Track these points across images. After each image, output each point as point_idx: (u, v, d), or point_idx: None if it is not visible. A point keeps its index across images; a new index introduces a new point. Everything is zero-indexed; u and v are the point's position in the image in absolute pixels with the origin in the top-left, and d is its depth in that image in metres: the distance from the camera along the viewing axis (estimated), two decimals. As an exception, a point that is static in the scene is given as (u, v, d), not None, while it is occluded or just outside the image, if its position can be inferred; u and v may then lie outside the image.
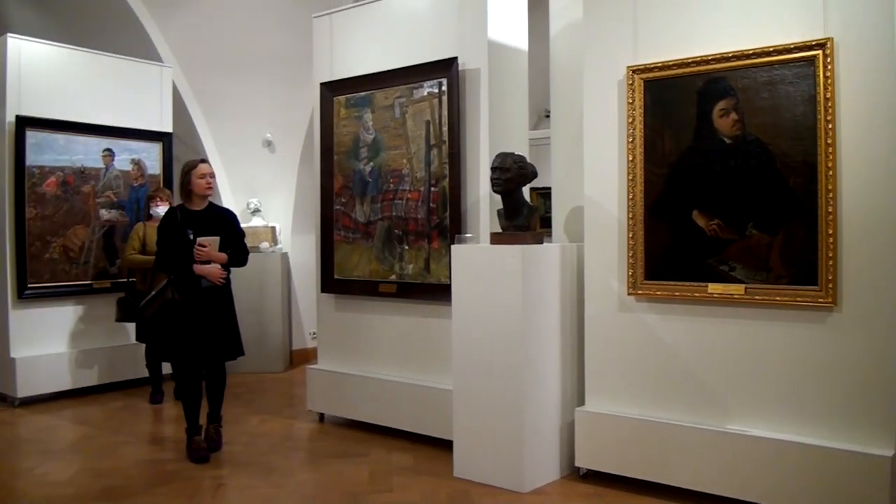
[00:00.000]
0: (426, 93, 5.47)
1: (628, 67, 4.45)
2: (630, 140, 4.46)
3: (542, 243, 4.81)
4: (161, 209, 6.57)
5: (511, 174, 4.65)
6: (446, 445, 5.08)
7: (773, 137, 3.99)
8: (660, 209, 4.39)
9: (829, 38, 3.81)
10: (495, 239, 4.79)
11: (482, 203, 5.25)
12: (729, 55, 4.10)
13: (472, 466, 4.73)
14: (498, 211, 4.89)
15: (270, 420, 6.33)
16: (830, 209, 3.82)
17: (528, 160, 4.84)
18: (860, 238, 3.80)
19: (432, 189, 5.43)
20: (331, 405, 6.14)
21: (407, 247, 5.59)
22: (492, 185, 4.74)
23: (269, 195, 8.85)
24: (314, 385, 6.22)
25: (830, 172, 3.81)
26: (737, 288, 4.13)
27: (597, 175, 4.67)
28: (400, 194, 5.64)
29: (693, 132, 4.26)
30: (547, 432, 4.72)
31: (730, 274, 4.16)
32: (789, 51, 3.92)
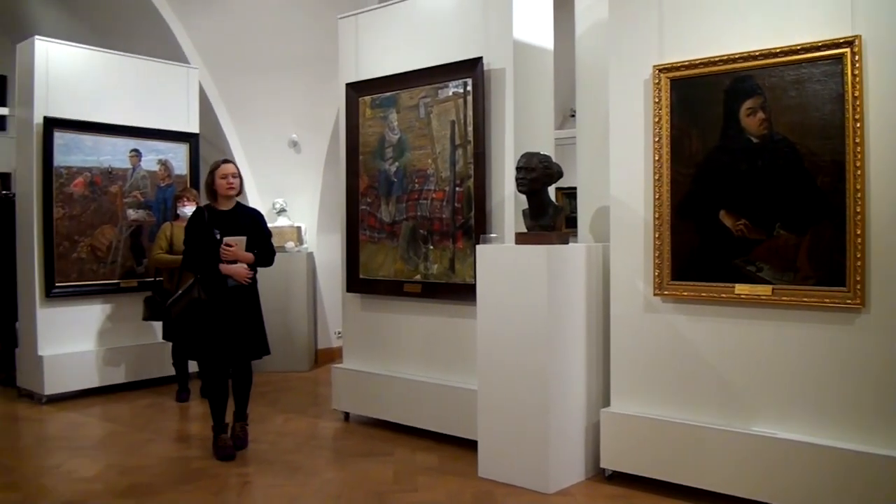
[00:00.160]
0: (451, 93, 5.47)
1: (654, 66, 4.42)
2: (656, 139, 4.43)
3: (568, 243, 4.79)
4: (188, 209, 6.62)
5: (536, 174, 4.63)
6: (471, 445, 5.08)
7: (801, 136, 3.95)
8: (686, 209, 4.36)
9: (857, 36, 3.76)
10: (520, 239, 4.78)
11: (507, 203, 5.25)
12: (756, 53, 4.06)
13: (497, 467, 4.73)
14: (523, 211, 4.88)
15: (296, 419, 6.36)
16: (859, 209, 3.77)
17: (554, 160, 4.82)
18: (889, 238, 3.75)
19: (457, 189, 5.43)
20: (356, 404, 6.16)
21: (432, 247, 5.60)
22: (517, 185, 4.73)
23: (295, 195, 8.89)
24: (339, 384, 6.24)
25: (859, 172, 3.76)
26: (764, 289, 4.09)
27: (623, 175, 4.64)
28: (425, 194, 5.64)
29: (720, 131, 4.23)
30: (572, 433, 4.70)
31: (757, 275, 4.12)
32: (817, 49, 3.88)
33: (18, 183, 7.49)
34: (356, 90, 6.11)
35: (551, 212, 4.75)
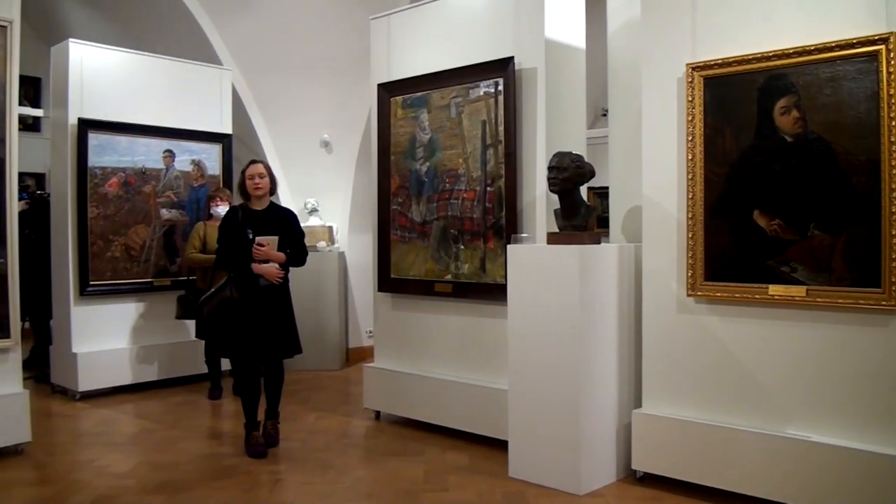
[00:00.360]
0: (482, 92, 5.46)
1: (688, 65, 4.38)
2: (690, 138, 4.39)
3: (600, 243, 4.77)
4: (221, 209, 6.67)
5: (568, 173, 4.61)
6: (501, 445, 5.08)
7: (836, 135, 3.89)
8: (720, 209, 4.32)
9: (893, 33, 3.70)
10: (552, 239, 4.76)
11: (538, 203, 5.23)
12: (790, 51, 4.01)
13: (528, 467, 4.72)
14: (555, 211, 4.86)
15: (327, 417, 6.38)
16: (895, 209, 3.71)
17: (586, 159, 4.80)
18: (927, 239, 3.70)
19: (488, 189, 5.43)
20: (387, 403, 6.18)
21: (462, 246, 5.60)
22: (549, 185, 4.72)
23: (327, 195, 8.93)
24: (370, 383, 6.26)
25: (894, 171, 3.70)
26: (798, 290, 4.04)
27: (655, 174, 4.61)
28: (456, 194, 5.64)
29: (754, 130, 4.18)
30: (603, 434, 4.68)
31: (791, 275, 4.07)
32: (851, 46, 3.82)
33: (53, 183, 7.58)
34: (388, 90, 6.12)
35: (583, 211, 4.73)
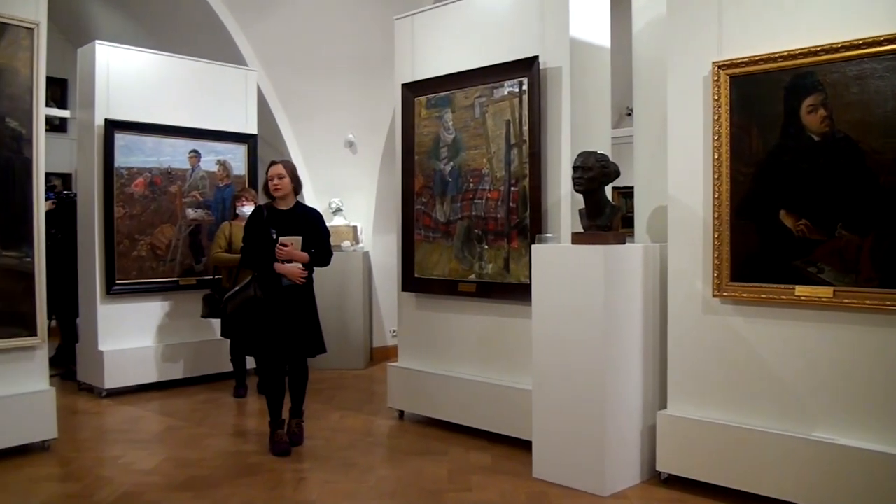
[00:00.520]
0: (507, 92, 5.45)
1: (714, 63, 4.35)
2: (715, 137, 4.36)
3: (625, 243, 4.75)
4: (247, 209, 6.70)
5: (593, 173, 4.59)
6: (524, 446, 5.07)
7: (863, 134, 3.85)
8: (746, 209, 4.29)
9: (922, 31, 3.67)
10: (577, 239, 4.75)
11: (563, 203, 5.22)
12: (817, 49, 3.96)
13: (552, 468, 4.70)
14: (580, 210, 4.85)
15: (351, 416, 6.40)
16: (924, 209, 3.68)
17: (611, 159, 4.78)
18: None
19: (512, 189, 5.42)
20: (410, 403, 6.18)
21: (486, 246, 5.59)
22: (574, 185, 4.70)
23: (351, 195, 8.95)
24: (394, 382, 6.28)
25: (924, 171, 3.67)
26: (825, 291, 4.00)
27: (681, 174, 4.58)
28: (480, 194, 5.64)
29: (780, 129, 4.14)
30: (628, 435, 4.66)
31: (818, 276, 4.02)
32: (878, 43, 3.77)
33: (80, 183, 7.64)
34: (412, 90, 6.13)
35: (608, 211, 4.71)
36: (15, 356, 5.29)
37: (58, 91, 11.23)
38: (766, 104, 4.19)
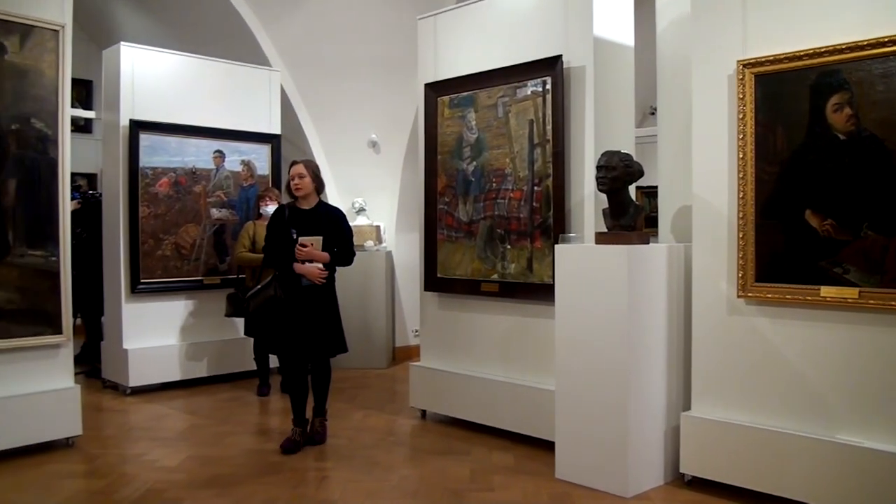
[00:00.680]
0: (530, 91, 5.44)
1: (738, 61, 4.31)
2: (740, 136, 4.32)
3: (649, 243, 4.72)
4: (271, 208, 6.72)
5: (617, 173, 4.57)
6: (547, 446, 5.06)
7: (890, 133, 3.79)
8: (771, 208, 4.24)
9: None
10: (600, 239, 4.73)
11: (587, 202, 5.20)
12: (842, 47, 3.91)
13: (574, 468, 4.69)
14: (603, 210, 4.82)
15: (374, 415, 6.41)
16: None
17: (635, 158, 4.75)
18: None
19: (535, 188, 5.40)
20: (433, 402, 6.18)
21: (509, 246, 5.58)
22: (597, 184, 4.67)
23: (374, 194, 8.96)
24: (417, 382, 6.28)
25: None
26: (850, 292, 3.94)
27: (705, 173, 4.54)
28: (502, 193, 5.63)
29: (805, 128, 4.09)
30: (651, 437, 4.63)
31: (843, 277, 3.97)
32: (905, 41, 3.74)
33: (105, 183, 7.70)
34: (435, 90, 6.13)
35: (632, 211, 4.69)
36: (41, 354, 5.35)
37: (83, 92, 11.32)
38: (792, 103, 4.15)
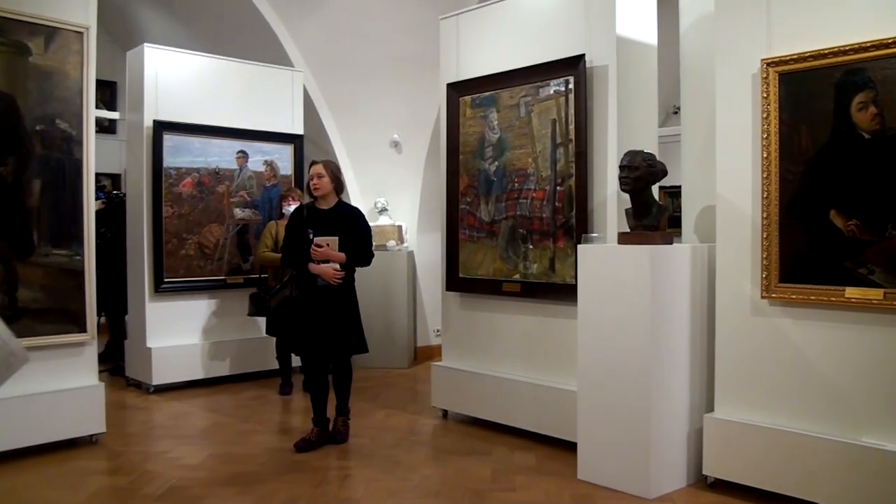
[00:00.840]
0: (552, 91, 5.43)
1: (762, 60, 4.27)
2: (764, 136, 4.28)
3: (672, 244, 4.69)
4: (293, 208, 6.74)
5: (640, 173, 4.55)
6: (569, 447, 5.04)
7: (916, 132, 3.76)
8: (796, 208, 4.20)
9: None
10: (623, 239, 4.70)
11: (609, 202, 5.18)
12: (867, 45, 3.86)
13: (597, 469, 4.67)
14: (626, 210, 4.80)
15: (396, 415, 6.42)
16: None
17: (658, 158, 4.73)
18: None
19: (558, 188, 5.39)
20: (454, 402, 6.18)
21: (531, 246, 5.57)
22: (620, 184, 4.65)
23: (396, 194, 8.98)
24: (438, 382, 6.28)
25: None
26: (875, 293, 3.89)
27: (729, 173, 4.50)
28: (525, 193, 5.62)
29: (830, 127, 4.04)
30: (674, 438, 4.60)
31: (868, 278, 3.92)
32: (931, 38, 3.69)
33: (129, 183, 7.77)
34: (457, 90, 6.13)
35: (655, 211, 4.66)
36: (65, 352, 5.40)
37: (107, 93, 11.41)
38: (816, 102, 4.10)
